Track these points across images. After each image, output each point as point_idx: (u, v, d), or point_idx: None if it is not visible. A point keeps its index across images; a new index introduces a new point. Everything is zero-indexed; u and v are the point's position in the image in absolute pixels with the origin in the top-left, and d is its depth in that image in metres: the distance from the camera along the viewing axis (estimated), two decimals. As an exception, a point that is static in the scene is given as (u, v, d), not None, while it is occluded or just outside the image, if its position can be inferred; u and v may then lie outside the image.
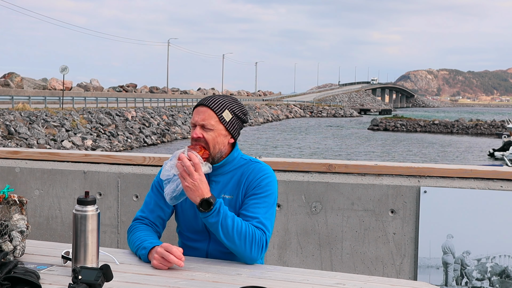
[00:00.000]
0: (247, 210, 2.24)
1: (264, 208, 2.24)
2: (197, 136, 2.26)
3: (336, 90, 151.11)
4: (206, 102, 2.29)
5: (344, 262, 3.17)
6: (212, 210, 2.12)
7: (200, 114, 2.28)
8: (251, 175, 2.29)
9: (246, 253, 2.16)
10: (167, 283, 1.96)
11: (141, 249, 2.20)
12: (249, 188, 2.28)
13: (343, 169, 3.19)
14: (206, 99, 2.31)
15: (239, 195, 2.29)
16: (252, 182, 2.28)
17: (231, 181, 2.31)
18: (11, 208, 2.18)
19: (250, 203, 2.25)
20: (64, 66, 36.80)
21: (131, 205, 3.45)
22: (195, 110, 2.31)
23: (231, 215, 2.15)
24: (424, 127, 58.35)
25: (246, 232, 2.15)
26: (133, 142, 32.72)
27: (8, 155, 3.69)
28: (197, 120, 2.28)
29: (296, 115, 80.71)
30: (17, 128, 26.08)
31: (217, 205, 2.12)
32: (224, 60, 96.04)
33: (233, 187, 2.31)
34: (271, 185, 2.29)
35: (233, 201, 2.29)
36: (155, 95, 57.24)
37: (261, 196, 2.25)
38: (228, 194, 2.30)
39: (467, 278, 3.02)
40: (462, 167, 3.10)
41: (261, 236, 2.18)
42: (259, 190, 2.26)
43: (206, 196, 2.12)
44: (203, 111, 2.28)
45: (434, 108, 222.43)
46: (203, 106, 2.29)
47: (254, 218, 2.21)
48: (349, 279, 2.06)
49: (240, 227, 2.14)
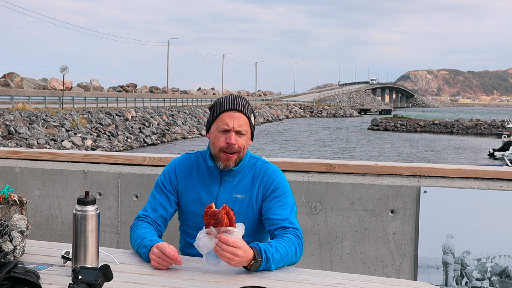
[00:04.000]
0: (274, 214, 2.28)
1: (288, 209, 2.30)
2: (234, 143, 2.24)
3: (336, 90, 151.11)
4: (239, 107, 2.26)
5: (344, 262, 3.17)
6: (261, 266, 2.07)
7: (235, 119, 2.25)
8: (265, 177, 2.33)
9: (295, 262, 2.22)
10: (167, 283, 1.96)
11: (142, 247, 2.20)
12: (267, 191, 2.32)
13: (343, 169, 3.19)
14: (236, 103, 2.26)
15: (253, 195, 2.32)
16: (269, 185, 2.32)
17: (243, 181, 2.34)
18: (11, 208, 2.18)
19: (275, 206, 2.29)
20: (64, 66, 36.80)
21: (131, 205, 3.45)
22: (226, 114, 2.25)
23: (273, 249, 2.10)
24: (424, 127, 58.34)
25: (290, 249, 2.16)
26: (133, 142, 32.72)
27: (8, 155, 3.69)
28: (233, 126, 2.24)
29: (296, 115, 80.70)
30: (17, 128, 26.08)
31: (264, 261, 2.07)
32: (224, 60, 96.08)
33: (246, 188, 2.33)
34: (287, 185, 2.37)
35: (246, 201, 2.32)
36: (155, 95, 57.25)
37: (283, 198, 2.31)
38: (240, 194, 2.32)
39: (467, 278, 3.02)
40: (462, 167, 3.10)
41: (298, 240, 2.22)
42: (279, 192, 2.32)
43: (252, 259, 2.04)
44: (237, 116, 2.25)
45: (434, 108, 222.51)
46: (237, 111, 2.25)
47: (284, 220, 2.26)
48: (349, 279, 2.06)
49: (285, 251, 2.14)
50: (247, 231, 2.31)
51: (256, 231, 2.38)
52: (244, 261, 2.02)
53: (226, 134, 2.26)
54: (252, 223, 2.34)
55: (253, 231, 2.35)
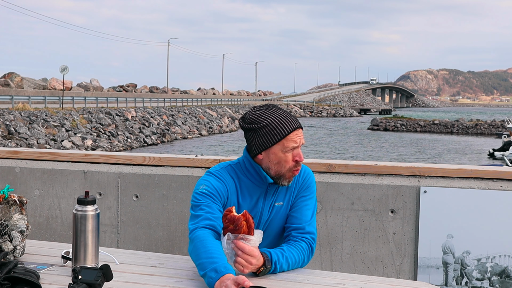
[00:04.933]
0: (299, 213, 2.29)
1: (311, 210, 2.31)
2: (303, 159, 2.25)
3: (336, 90, 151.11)
4: (300, 124, 2.26)
5: (344, 262, 3.17)
6: (269, 272, 2.09)
7: (301, 136, 2.25)
8: (300, 178, 2.33)
9: (303, 266, 2.23)
10: (167, 283, 1.96)
11: (211, 270, 1.94)
12: (300, 190, 2.33)
13: (343, 169, 3.19)
14: (297, 120, 2.25)
15: (290, 200, 2.32)
16: (302, 185, 2.33)
17: (281, 189, 2.30)
18: (11, 208, 2.18)
19: (301, 205, 2.30)
20: (64, 66, 36.80)
21: (131, 205, 3.45)
22: (295, 133, 2.21)
23: (284, 260, 2.12)
24: (424, 127, 58.35)
25: (299, 259, 2.18)
26: (133, 142, 32.72)
27: (8, 155, 3.69)
28: (300, 142, 2.24)
29: (296, 115, 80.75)
30: (17, 128, 26.08)
31: (272, 269, 2.09)
32: (224, 60, 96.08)
33: (283, 194, 2.31)
34: (315, 187, 2.38)
35: (283, 208, 2.31)
36: (155, 95, 57.25)
37: (309, 198, 2.32)
38: (279, 201, 2.30)
39: (467, 278, 3.02)
40: (462, 167, 3.10)
41: (308, 247, 2.23)
42: (308, 192, 2.33)
43: (262, 266, 2.05)
44: (301, 132, 2.26)
45: (434, 108, 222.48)
46: (300, 128, 2.27)
47: (306, 221, 2.27)
48: (349, 279, 2.06)
49: (294, 261, 2.16)
50: (277, 233, 2.31)
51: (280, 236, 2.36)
52: (255, 268, 2.03)
53: (293, 152, 2.22)
54: (283, 225, 2.33)
55: (280, 235, 2.34)
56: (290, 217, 2.30)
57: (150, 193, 3.39)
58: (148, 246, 3.40)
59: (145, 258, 2.27)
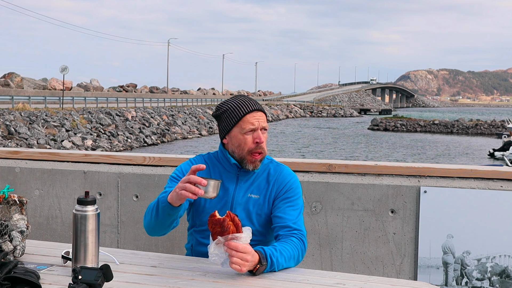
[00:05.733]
0: (282, 213, 2.31)
1: (297, 211, 2.34)
2: (263, 141, 2.30)
3: (336, 90, 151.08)
4: (259, 106, 2.34)
5: (344, 262, 3.17)
6: (266, 269, 2.09)
7: (260, 118, 2.32)
8: (280, 177, 2.38)
9: (296, 264, 2.24)
10: (167, 283, 1.96)
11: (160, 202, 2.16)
12: (280, 191, 2.36)
13: (343, 169, 3.20)
14: (255, 103, 2.34)
15: (267, 196, 2.36)
16: (283, 186, 2.36)
17: (257, 181, 2.37)
18: (11, 208, 2.18)
19: (284, 206, 2.33)
20: (64, 66, 36.80)
21: (131, 205, 3.45)
22: (251, 115, 2.31)
23: (278, 253, 2.12)
24: (424, 127, 58.35)
25: (293, 253, 2.19)
26: (133, 142, 32.72)
27: (8, 155, 3.69)
28: (259, 124, 2.31)
29: (296, 115, 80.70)
30: (17, 128, 26.08)
31: (269, 265, 2.09)
32: (224, 60, 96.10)
33: (260, 188, 2.36)
34: (299, 188, 2.41)
35: (260, 201, 2.35)
36: (155, 95, 57.25)
37: (294, 200, 2.36)
38: (255, 193, 2.36)
39: (467, 278, 3.02)
40: (462, 167, 3.10)
41: (299, 241, 2.25)
42: (291, 194, 2.36)
43: (258, 263, 2.06)
44: (260, 114, 2.33)
45: (434, 108, 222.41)
46: (259, 110, 2.34)
47: (290, 220, 2.29)
48: (349, 279, 2.06)
49: (289, 254, 2.17)
50: (258, 231, 2.34)
51: (268, 231, 2.39)
52: (252, 265, 2.04)
53: (254, 134, 2.30)
54: (263, 223, 2.37)
55: (265, 231, 2.38)
56: (274, 218, 2.33)
57: (150, 193, 3.39)
58: (148, 246, 3.41)
59: (145, 258, 2.27)
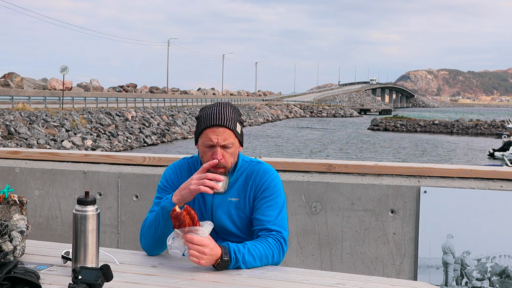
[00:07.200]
0: (261, 214, 2.27)
1: (276, 210, 2.28)
2: (220, 159, 2.20)
3: (336, 90, 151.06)
4: (222, 122, 2.21)
5: (344, 262, 3.17)
6: (231, 265, 2.10)
7: (219, 134, 2.20)
8: (257, 177, 2.31)
9: (272, 263, 2.21)
10: (167, 283, 1.96)
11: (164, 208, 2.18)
12: (258, 191, 2.30)
13: (343, 169, 3.19)
14: (219, 118, 2.21)
15: (246, 197, 2.31)
16: (260, 185, 2.30)
17: (236, 184, 2.32)
18: (11, 208, 2.18)
19: (262, 207, 2.28)
20: (64, 66, 36.79)
21: (131, 205, 3.45)
22: (210, 130, 2.21)
23: (246, 250, 2.12)
24: (424, 127, 58.35)
25: (265, 253, 2.17)
26: (133, 142, 32.71)
27: (8, 155, 3.69)
28: (217, 141, 2.20)
29: (296, 115, 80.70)
30: (17, 128, 26.08)
31: (233, 261, 2.09)
32: (224, 60, 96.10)
33: (239, 190, 2.32)
34: (278, 185, 2.34)
35: (240, 204, 2.31)
36: (155, 95, 57.24)
37: (272, 198, 2.29)
38: (235, 196, 2.31)
39: (467, 278, 3.02)
40: (462, 167, 3.10)
41: (276, 242, 2.21)
42: (269, 193, 2.30)
43: (219, 258, 2.07)
44: (221, 131, 2.20)
45: (434, 108, 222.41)
46: (220, 126, 2.21)
47: (270, 221, 2.26)
48: (349, 279, 2.06)
49: (259, 254, 2.15)
50: (243, 232, 2.32)
51: (250, 233, 2.36)
52: (212, 259, 2.04)
53: (212, 150, 2.23)
54: (246, 224, 2.33)
55: (250, 233, 2.34)
56: (254, 220, 2.30)
57: (150, 193, 3.39)
58: (148, 246, 3.40)
59: (145, 258, 2.27)
